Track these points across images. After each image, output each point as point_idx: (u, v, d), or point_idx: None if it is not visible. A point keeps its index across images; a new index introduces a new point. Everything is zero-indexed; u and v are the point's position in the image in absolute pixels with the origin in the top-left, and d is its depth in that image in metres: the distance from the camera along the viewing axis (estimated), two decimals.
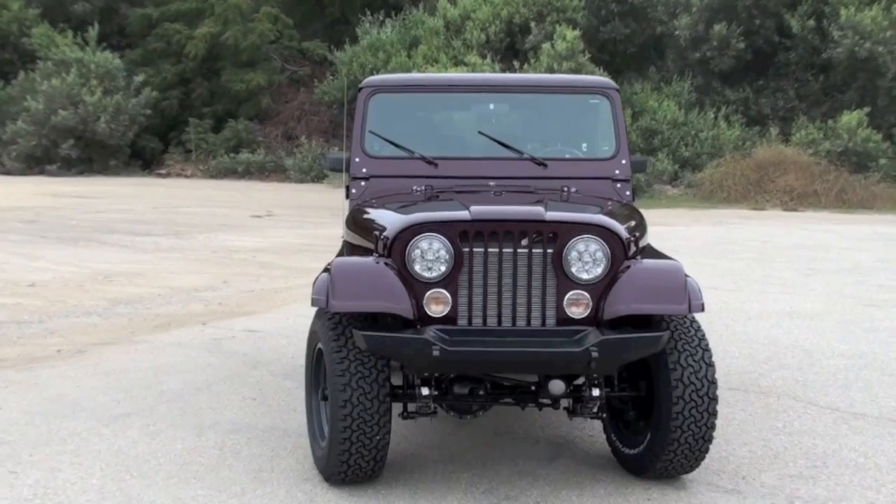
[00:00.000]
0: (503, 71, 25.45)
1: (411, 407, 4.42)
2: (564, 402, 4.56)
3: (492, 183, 5.20)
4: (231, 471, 4.67)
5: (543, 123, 5.72)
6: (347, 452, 4.21)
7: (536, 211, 4.20)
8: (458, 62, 26.07)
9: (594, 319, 4.13)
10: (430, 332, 4.03)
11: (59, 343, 7.49)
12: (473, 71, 24.65)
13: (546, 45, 24.51)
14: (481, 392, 4.37)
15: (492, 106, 5.75)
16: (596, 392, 4.20)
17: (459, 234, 4.13)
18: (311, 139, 29.35)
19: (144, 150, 32.26)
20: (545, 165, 5.30)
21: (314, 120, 30.57)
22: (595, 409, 4.35)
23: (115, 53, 31.96)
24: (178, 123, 32.48)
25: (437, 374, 4.26)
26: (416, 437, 5.14)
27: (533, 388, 4.34)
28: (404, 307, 4.09)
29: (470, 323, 4.18)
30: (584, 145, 5.59)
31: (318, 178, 28.09)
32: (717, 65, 25.31)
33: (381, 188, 5.27)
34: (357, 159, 5.35)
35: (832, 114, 24.15)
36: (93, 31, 31.54)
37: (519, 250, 4.14)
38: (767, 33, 25.35)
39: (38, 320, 8.36)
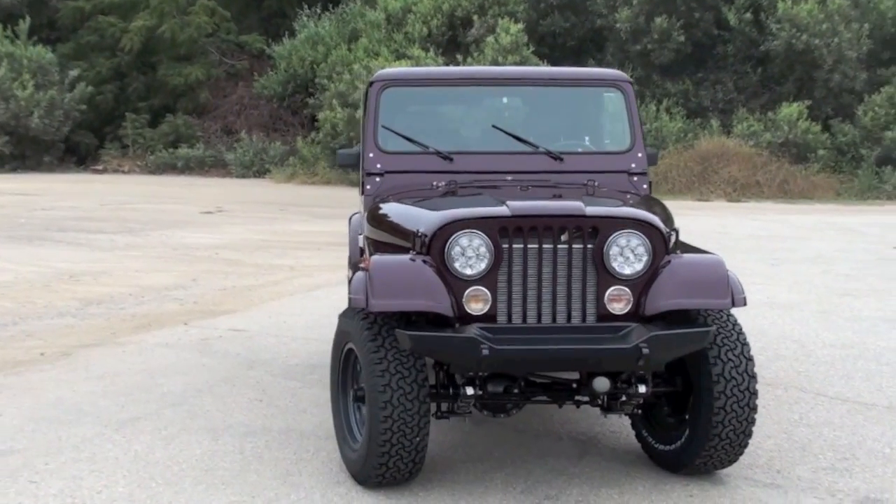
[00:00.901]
0: (446, 65, 25.41)
1: (445, 406, 4.36)
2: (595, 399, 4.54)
3: (509, 178, 5.17)
4: (258, 475, 4.59)
5: (557, 117, 5.69)
6: (387, 455, 4.15)
7: (576, 206, 4.18)
8: (400, 56, 25.95)
9: (635, 315, 4.13)
10: (474, 331, 3.99)
11: (40, 346, 7.28)
12: (417, 64, 24.58)
13: (490, 39, 24.52)
14: (515, 390, 4.34)
15: (505, 99, 5.72)
16: (642, 388, 4.19)
17: (499, 230, 4.09)
18: (252, 133, 28.95)
19: (79, 145, 31.52)
20: (561, 159, 5.28)
21: (254, 114, 30.14)
22: (635, 406, 4.35)
23: (47, 47, 31.16)
24: (113, 118, 31.75)
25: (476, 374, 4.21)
26: (438, 437, 5.08)
27: (574, 385, 4.33)
28: (445, 305, 4.04)
29: (509, 321, 4.14)
30: (599, 139, 5.59)
31: (261, 172, 27.77)
32: (658, 57, 25.54)
33: (396, 184, 5.19)
34: (371, 155, 5.27)
35: (771, 105, 24.56)
36: (23, 25, 30.70)
37: (559, 246, 4.12)
38: (706, 26, 25.68)
39: (11, 322, 8.13)
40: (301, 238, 13.80)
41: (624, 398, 4.30)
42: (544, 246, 4.11)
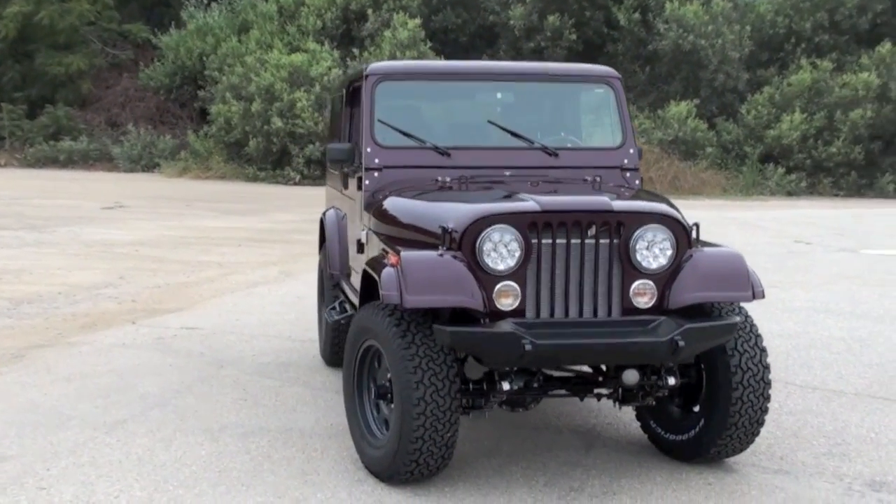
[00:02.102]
0: (342, 58, 25.30)
1: (467, 402, 4.39)
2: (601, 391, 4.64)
3: (507, 173, 5.23)
4: (275, 475, 4.54)
5: (549, 112, 5.78)
6: (418, 451, 4.17)
7: (604, 201, 4.26)
8: (294, 48, 25.68)
9: (658, 308, 4.25)
10: (509, 326, 4.05)
11: None
12: (314, 58, 24.39)
13: (388, 34, 24.52)
14: (535, 385, 4.41)
15: (499, 94, 5.76)
16: (672, 380, 4.32)
17: (528, 225, 4.16)
18: (139, 126, 28.19)
19: None
20: (556, 155, 5.37)
21: (140, 106, 29.34)
22: (654, 398, 4.48)
23: None
24: None
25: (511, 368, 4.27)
26: None
27: (600, 378, 4.43)
28: (477, 301, 4.08)
29: (537, 315, 4.21)
30: (591, 135, 5.69)
31: (150, 167, 27.09)
32: (551, 55, 26.01)
33: (395, 179, 5.17)
34: (369, 150, 5.23)
35: (659, 104, 25.33)
36: None
37: (586, 241, 4.21)
38: (597, 25, 26.33)
39: None
40: (218, 234, 13.56)
41: (644, 391, 4.42)
42: (572, 241, 4.19)
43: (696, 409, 4.58)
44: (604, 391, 4.53)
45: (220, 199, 19.04)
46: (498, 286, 4.12)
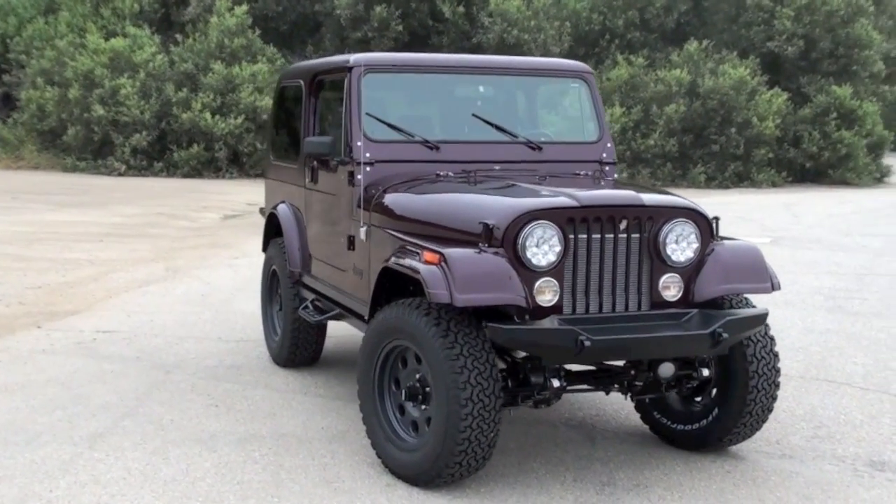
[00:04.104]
0: (162, 44, 24.33)
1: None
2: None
3: (497, 167, 5.24)
4: (298, 484, 4.41)
5: (526, 106, 5.83)
6: (464, 452, 4.15)
7: (635, 196, 4.38)
8: (111, 33, 24.46)
9: (684, 301, 4.39)
10: (555, 322, 4.10)
11: None
12: (135, 43, 23.34)
13: (214, 20, 23.75)
14: (560, 381, 4.45)
15: (481, 88, 5.75)
16: (706, 372, 4.48)
17: (566, 221, 4.20)
18: None
19: None
20: (540, 149, 5.43)
21: None
22: (679, 390, 4.62)
23: None
24: None
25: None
26: None
27: (632, 372, 4.52)
28: (522, 297, 4.10)
29: (574, 311, 4.27)
30: (567, 129, 5.78)
31: None
32: (378, 46, 25.98)
33: (387, 174, 5.08)
34: (359, 143, 5.09)
35: None
36: None
37: (619, 235, 4.30)
38: (422, 17, 26.50)
39: None
40: (68, 229, 12.77)
41: (671, 384, 4.55)
42: (606, 235, 4.27)
43: (702, 398, 4.73)
44: (637, 384, 4.59)
45: (47, 191, 17.93)
46: (538, 282, 4.16)
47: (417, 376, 4.36)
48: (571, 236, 4.22)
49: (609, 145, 5.60)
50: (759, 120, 23.18)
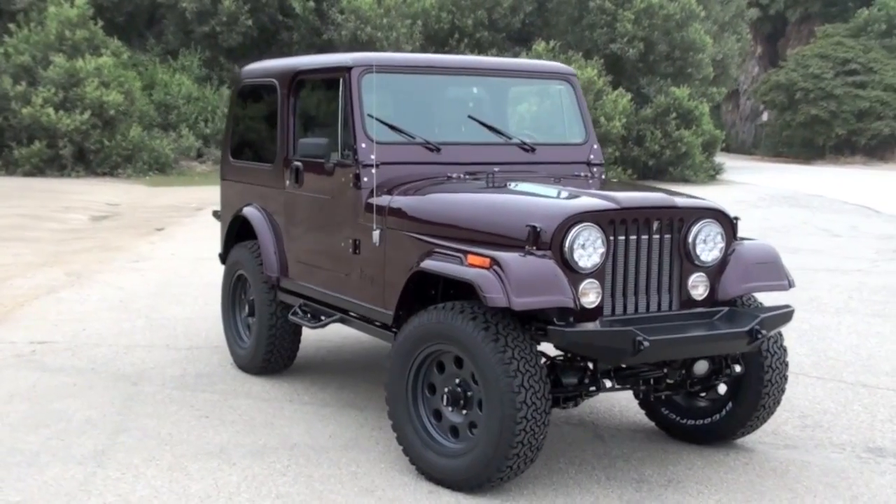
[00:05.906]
0: None
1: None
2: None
3: (496, 168, 5.26)
4: (339, 495, 4.33)
5: (516, 108, 5.87)
6: (516, 455, 4.17)
7: (668, 198, 4.52)
8: None
9: (710, 300, 4.56)
10: (605, 323, 4.20)
11: None
12: None
13: (53, 10, 22.58)
14: (586, 381, 4.53)
15: (475, 89, 5.75)
16: (738, 368, 4.64)
17: (608, 223, 4.30)
18: None
19: None
20: (533, 150, 5.50)
21: None
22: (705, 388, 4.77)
23: None
24: None
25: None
26: None
27: (665, 370, 4.63)
28: (571, 299, 4.16)
29: (613, 312, 4.36)
30: (554, 131, 5.85)
31: None
32: (226, 40, 25.42)
33: (391, 176, 5.04)
34: (363, 145, 5.03)
35: None
36: None
37: (653, 236, 4.42)
38: (272, 12, 26.07)
39: None
40: None
41: (702, 381, 4.70)
42: (642, 237, 4.39)
43: (710, 394, 4.89)
44: (667, 382, 4.69)
45: None
46: (582, 284, 4.23)
47: (457, 381, 4.35)
48: (612, 238, 4.31)
49: (595, 146, 5.72)
50: (607, 119, 23.96)
